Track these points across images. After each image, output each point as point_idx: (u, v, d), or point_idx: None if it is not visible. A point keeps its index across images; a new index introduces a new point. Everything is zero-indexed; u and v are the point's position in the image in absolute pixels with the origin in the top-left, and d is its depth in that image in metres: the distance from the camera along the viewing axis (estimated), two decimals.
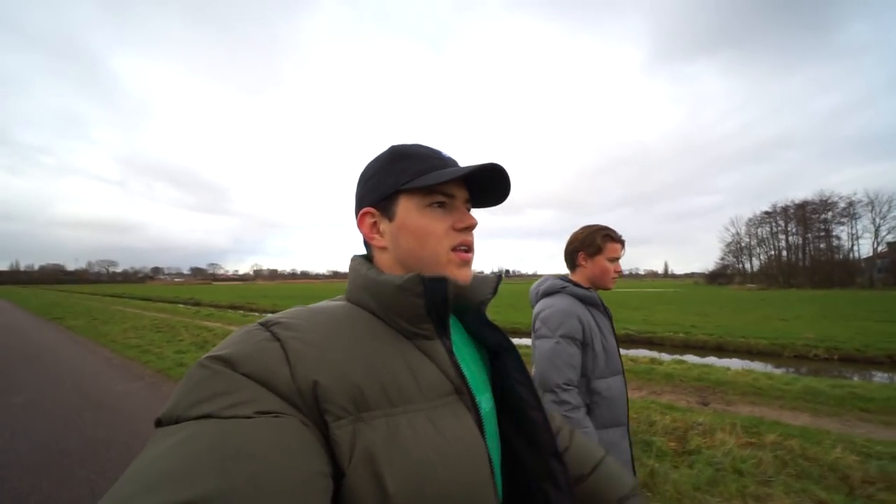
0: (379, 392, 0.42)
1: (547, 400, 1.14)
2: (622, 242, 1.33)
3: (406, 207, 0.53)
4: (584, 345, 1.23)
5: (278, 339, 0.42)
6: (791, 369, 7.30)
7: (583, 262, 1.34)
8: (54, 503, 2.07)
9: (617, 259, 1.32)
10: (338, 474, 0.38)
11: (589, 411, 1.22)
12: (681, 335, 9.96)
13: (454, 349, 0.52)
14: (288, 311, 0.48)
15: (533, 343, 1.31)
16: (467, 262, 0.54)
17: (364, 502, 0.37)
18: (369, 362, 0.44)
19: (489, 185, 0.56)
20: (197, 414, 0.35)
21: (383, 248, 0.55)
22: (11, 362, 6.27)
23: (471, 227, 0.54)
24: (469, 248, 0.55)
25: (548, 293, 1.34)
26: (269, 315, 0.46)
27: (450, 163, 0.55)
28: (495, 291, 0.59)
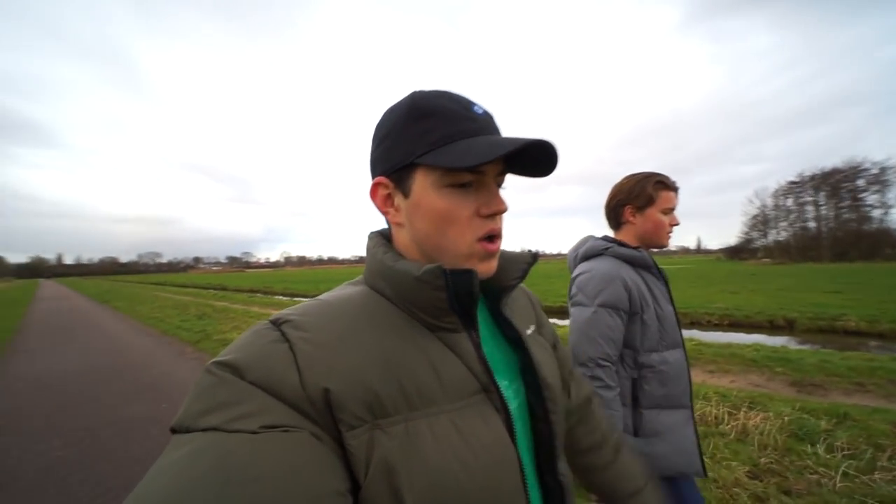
0: (397, 395, 0.39)
1: (579, 373, 0.95)
2: (676, 190, 1.16)
3: (423, 184, 0.43)
4: (633, 314, 1.07)
5: (288, 340, 0.38)
6: None
7: (630, 218, 1.16)
8: (96, 386, 4.64)
9: (672, 210, 1.15)
10: (356, 487, 0.36)
11: (637, 387, 1.07)
12: None
13: (482, 339, 0.47)
14: (301, 305, 0.44)
15: (570, 311, 1.16)
16: (493, 255, 0.46)
17: None
18: (386, 361, 0.40)
19: (530, 157, 0.45)
20: (204, 426, 0.33)
21: (399, 225, 0.48)
22: (74, 326, 9.95)
23: (499, 212, 0.45)
24: (496, 236, 0.46)
25: (588, 256, 1.18)
26: (281, 311, 0.43)
27: (483, 124, 0.44)
28: (524, 275, 0.52)
